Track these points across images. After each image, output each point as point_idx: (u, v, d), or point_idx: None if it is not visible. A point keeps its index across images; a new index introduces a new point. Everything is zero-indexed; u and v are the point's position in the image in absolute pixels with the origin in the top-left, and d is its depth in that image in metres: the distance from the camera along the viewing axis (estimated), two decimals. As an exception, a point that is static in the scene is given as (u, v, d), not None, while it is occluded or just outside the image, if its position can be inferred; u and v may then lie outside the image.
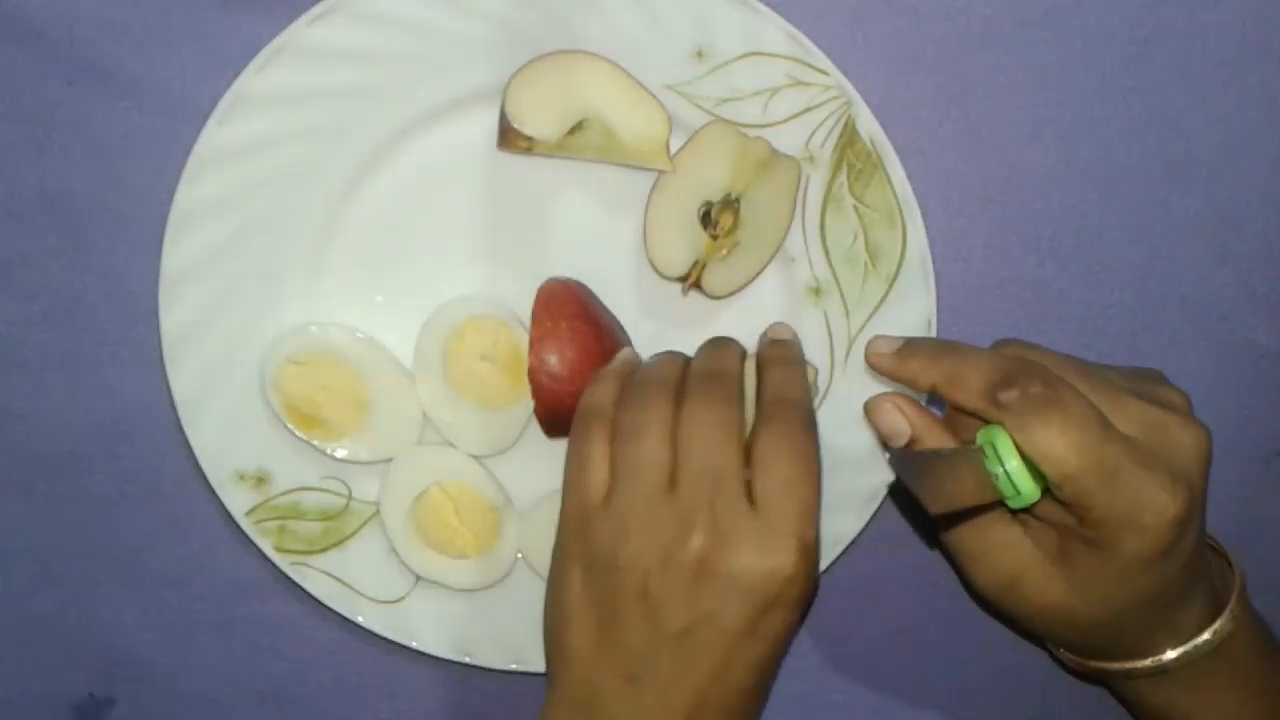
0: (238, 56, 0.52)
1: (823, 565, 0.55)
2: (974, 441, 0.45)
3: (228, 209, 0.53)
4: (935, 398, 0.48)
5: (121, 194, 0.54)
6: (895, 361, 0.48)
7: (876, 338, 0.49)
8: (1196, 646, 0.47)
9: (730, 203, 0.53)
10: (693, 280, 0.54)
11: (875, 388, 0.54)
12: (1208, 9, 0.55)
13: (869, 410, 0.48)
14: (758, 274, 0.55)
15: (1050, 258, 0.56)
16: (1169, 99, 0.55)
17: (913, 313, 0.54)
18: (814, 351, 0.55)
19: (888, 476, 0.55)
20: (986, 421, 0.45)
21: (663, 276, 0.54)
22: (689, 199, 0.53)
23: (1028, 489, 0.44)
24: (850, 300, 0.55)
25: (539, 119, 0.52)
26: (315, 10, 0.51)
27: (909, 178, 0.53)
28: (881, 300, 0.54)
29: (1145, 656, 0.48)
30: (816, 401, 0.55)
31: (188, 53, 0.54)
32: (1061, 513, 0.45)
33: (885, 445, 0.49)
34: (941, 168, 0.56)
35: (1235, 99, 0.56)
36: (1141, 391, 0.46)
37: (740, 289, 0.55)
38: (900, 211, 0.53)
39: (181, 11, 0.53)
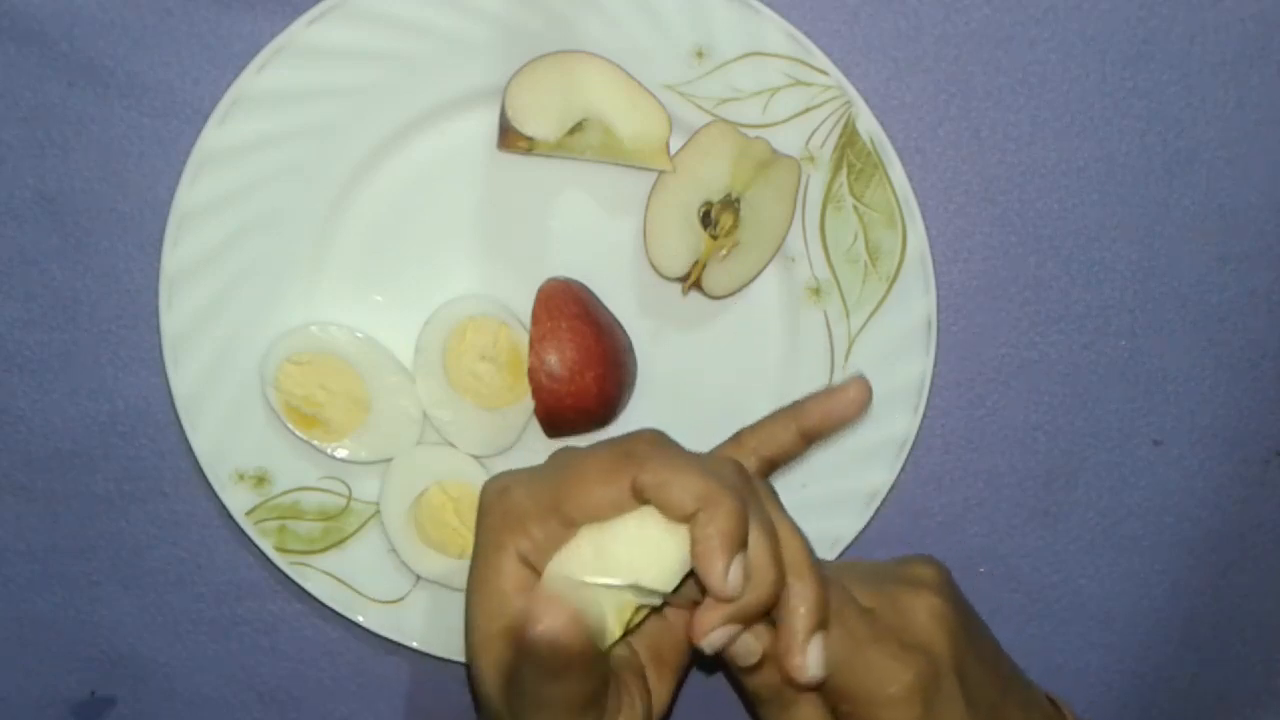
0: (238, 56, 0.52)
1: (823, 565, 0.55)
2: None
3: (228, 209, 0.53)
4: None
5: (121, 194, 0.54)
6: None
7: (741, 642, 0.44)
8: None
9: (730, 203, 0.53)
10: (693, 280, 0.54)
11: (875, 390, 0.54)
12: (1208, 9, 0.55)
13: (710, 640, 0.43)
14: (758, 274, 0.55)
15: (1050, 258, 0.56)
16: (1169, 99, 0.55)
17: (913, 313, 0.54)
18: (814, 351, 0.55)
19: (889, 477, 0.55)
20: None
21: (663, 276, 0.54)
22: (689, 199, 0.53)
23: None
24: (850, 300, 0.55)
25: (539, 119, 0.52)
26: (315, 10, 0.51)
27: (909, 178, 0.53)
28: (881, 300, 0.54)
29: None
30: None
31: (188, 53, 0.54)
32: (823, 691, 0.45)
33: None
34: (941, 168, 0.56)
35: (1235, 99, 0.56)
36: (887, 576, 0.46)
37: (740, 289, 0.55)
38: (900, 211, 0.53)
39: (181, 11, 0.53)
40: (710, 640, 0.42)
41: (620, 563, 0.41)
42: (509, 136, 0.52)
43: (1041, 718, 0.48)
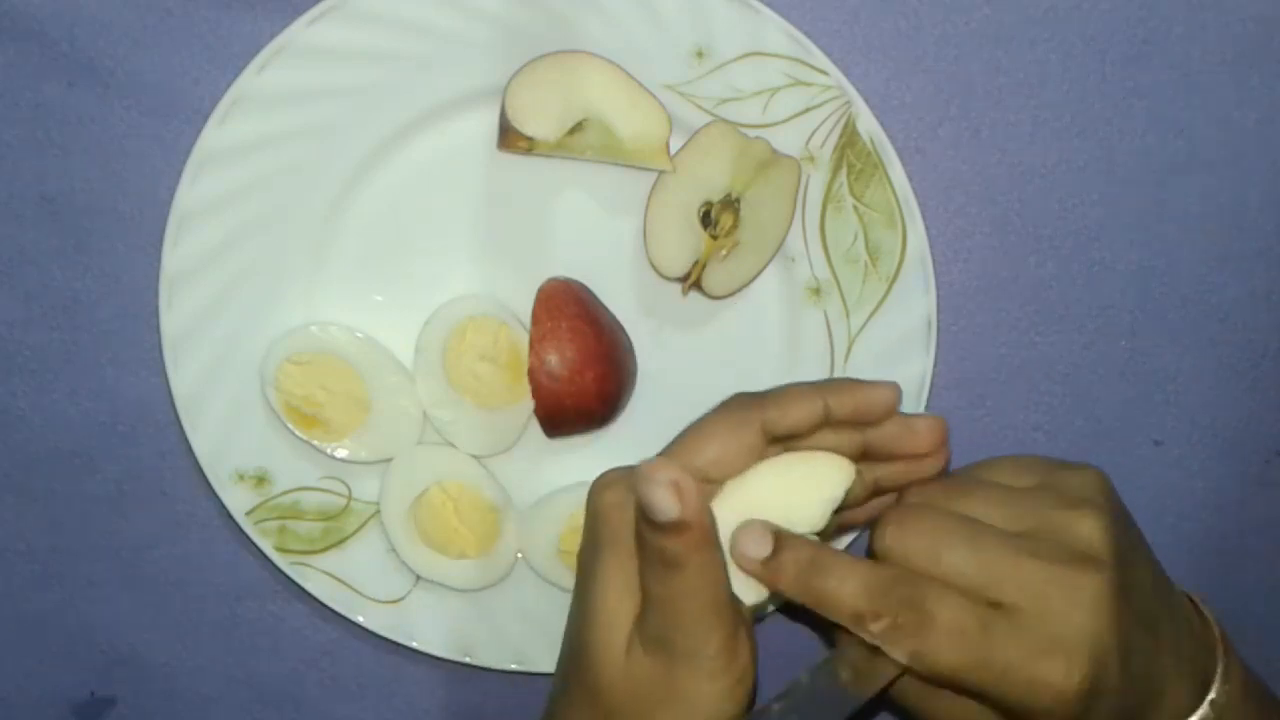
0: (238, 56, 0.52)
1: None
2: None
3: (228, 209, 0.53)
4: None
5: (121, 194, 0.54)
6: (763, 570, 0.43)
7: (743, 533, 0.43)
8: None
9: (731, 203, 0.53)
10: (693, 280, 0.54)
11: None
12: (1208, 9, 0.55)
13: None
14: (758, 274, 0.55)
15: (1050, 258, 0.56)
16: (1169, 99, 0.55)
17: (913, 313, 0.54)
18: (814, 351, 0.55)
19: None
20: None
21: (663, 276, 0.54)
22: (689, 199, 0.53)
23: None
24: (850, 300, 0.55)
25: (539, 119, 0.52)
26: (315, 10, 0.51)
27: (909, 178, 0.53)
28: (881, 300, 0.54)
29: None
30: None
31: (188, 53, 0.53)
32: None
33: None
34: (941, 168, 0.56)
35: (1235, 99, 0.56)
36: (1043, 537, 0.43)
37: (740, 289, 0.55)
38: (900, 211, 0.53)
39: (181, 11, 0.53)
40: None
41: (770, 509, 0.43)
42: (509, 136, 0.52)
43: (1189, 630, 0.46)
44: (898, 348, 0.54)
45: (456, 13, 0.52)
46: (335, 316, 0.54)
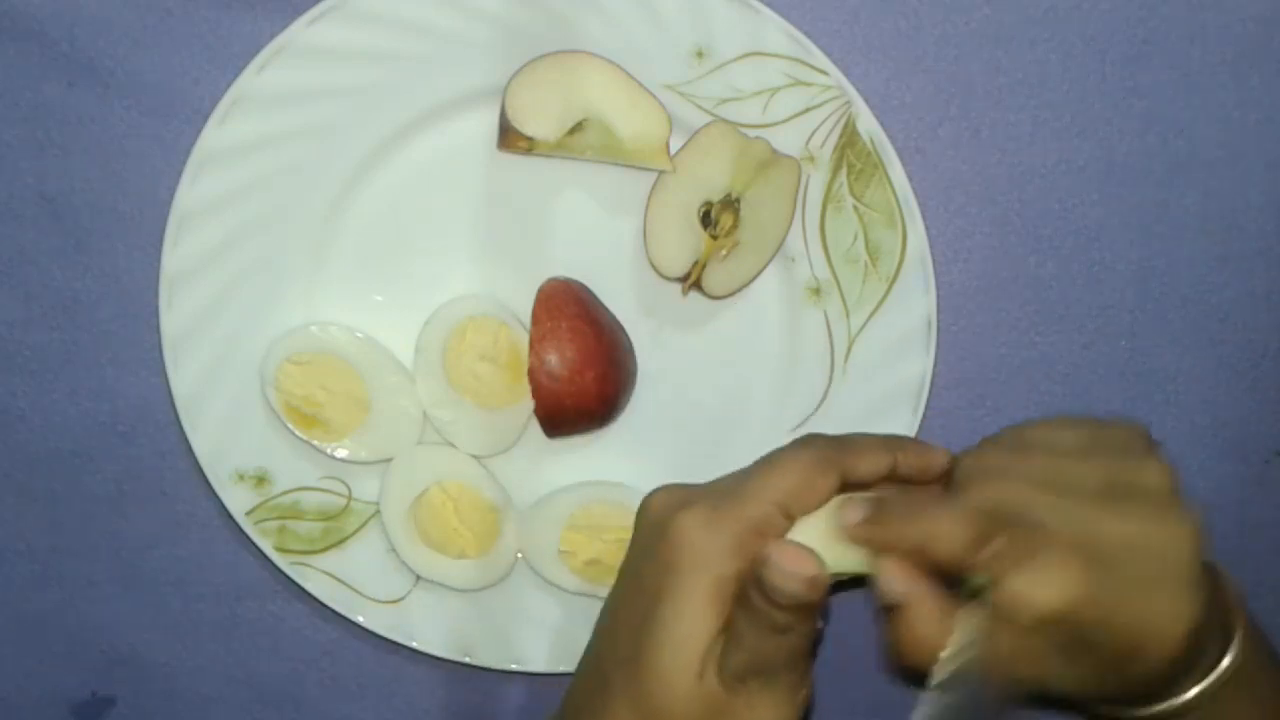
0: (238, 56, 0.52)
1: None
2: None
3: (228, 209, 0.53)
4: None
5: (121, 194, 0.54)
6: (868, 530, 0.45)
7: (845, 506, 0.45)
8: (1220, 675, 0.45)
9: (731, 203, 0.53)
10: (693, 280, 0.54)
11: (875, 390, 0.55)
12: (1208, 9, 0.55)
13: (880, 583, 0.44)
14: (758, 274, 0.55)
15: (1050, 258, 0.56)
16: (1169, 99, 0.55)
17: (913, 313, 0.54)
18: (814, 351, 0.55)
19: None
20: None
21: (663, 276, 0.54)
22: (689, 199, 0.53)
23: None
24: (850, 300, 0.55)
25: (539, 119, 0.52)
26: (315, 10, 0.51)
27: (909, 178, 0.53)
28: (881, 300, 0.54)
29: (1171, 696, 0.46)
30: (815, 404, 0.55)
31: (188, 53, 0.53)
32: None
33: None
34: (941, 168, 0.56)
35: (1235, 99, 0.56)
36: (1120, 488, 0.44)
37: (740, 289, 0.55)
38: (900, 211, 0.53)
39: (181, 11, 0.53)
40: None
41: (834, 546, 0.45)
42: (509, 136, 0.52)
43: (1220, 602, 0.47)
44: (898, 348, 0.54)
45: (456, 13, 0.52)
46: (335, 316, 0.54)
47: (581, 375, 0.52)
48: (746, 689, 0.43)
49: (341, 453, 0.54)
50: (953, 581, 0.43)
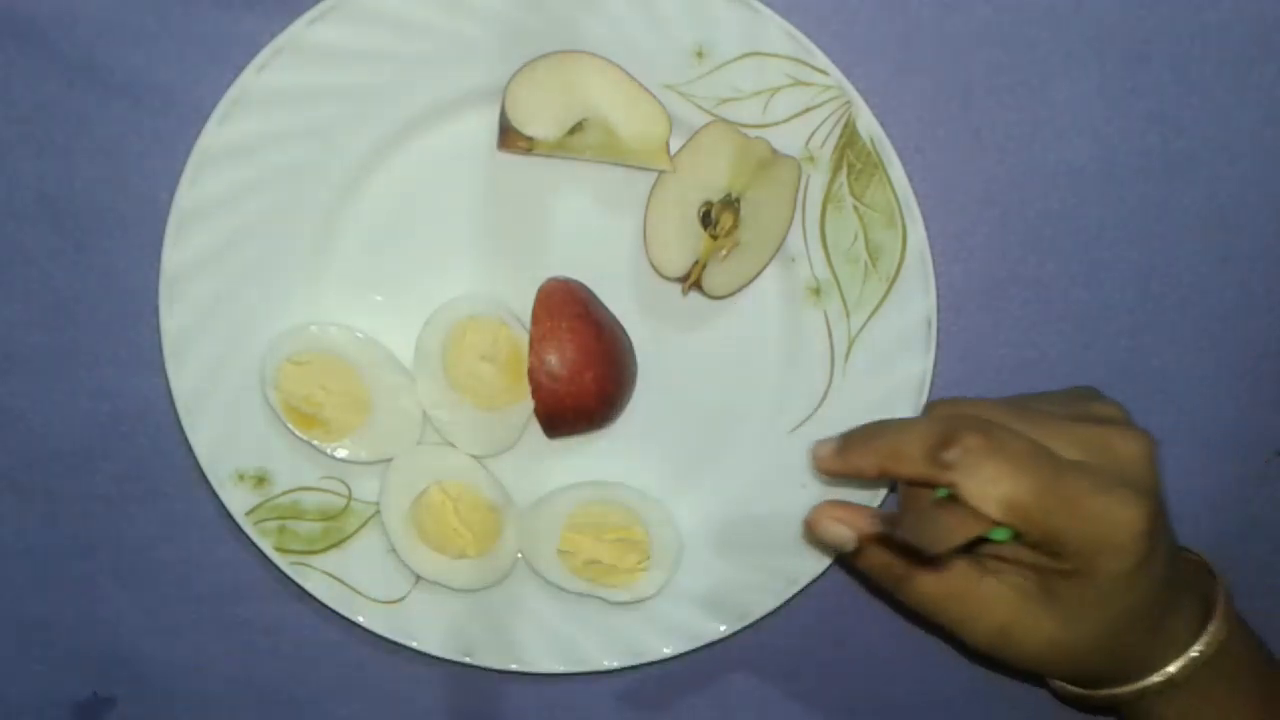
0: (238, 56, 0.52)
1: (822, 566, 0.55)
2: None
3: (228, 209, 0.53)
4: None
5: (121, 194, 0.54)
6: (837, 461, 0.47)
7: (817, 444, 0.48)
8: (1199, 654, 0.47)
9: (731, 203, 0.53)
10: (693, 280, 0.54)
11: (875, 390, 0.55)
12: (1208, 9, 0.55)
13: (809, 528, 0.47)
14: (758, 274, 0.55)
15: (1050, 258, 0.56)
16: (1169, 99, 0.55)
17: (913, 313, 0.54)
18: (814, 351, 0.55)
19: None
20: (935, 490, 0.45)
21: (663, 276, 0.54)
22: (689, 199, 0.53)
23: (998, 533, 0.44)
24: (850, 300, 0.55)
25: (539, 119, 0.52)
26: (315, 10, 0.51)
27: (909, 178, 0.53)
28: (881, 300, 0.54)
29: (1149, 673, 0.48)
30: (815, 404, 0.55)
31: (188, 53, 0.54)
32: (1034, 554, 0.45)
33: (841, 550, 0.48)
34: (941, 168, 0.55)
35: (1235, 99, 0.56)
36: (1077, 414, 0.46)
37: (740, 289, 0.55)
38: (900, 211, 0.53)
39: (181, 11, 0.53)
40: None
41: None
42: (509, 136, 0.52)
43: (1187, 581, 0.49)
44: (898, 348, 0.54)
45: (457, 13, 0.52)
46: (335, 316, 0.54)
47: (581, 375, 0.52)
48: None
49: (341, 453, 0.54)
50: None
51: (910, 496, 0.47)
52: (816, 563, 0.55)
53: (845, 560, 0.49)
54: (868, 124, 0.53)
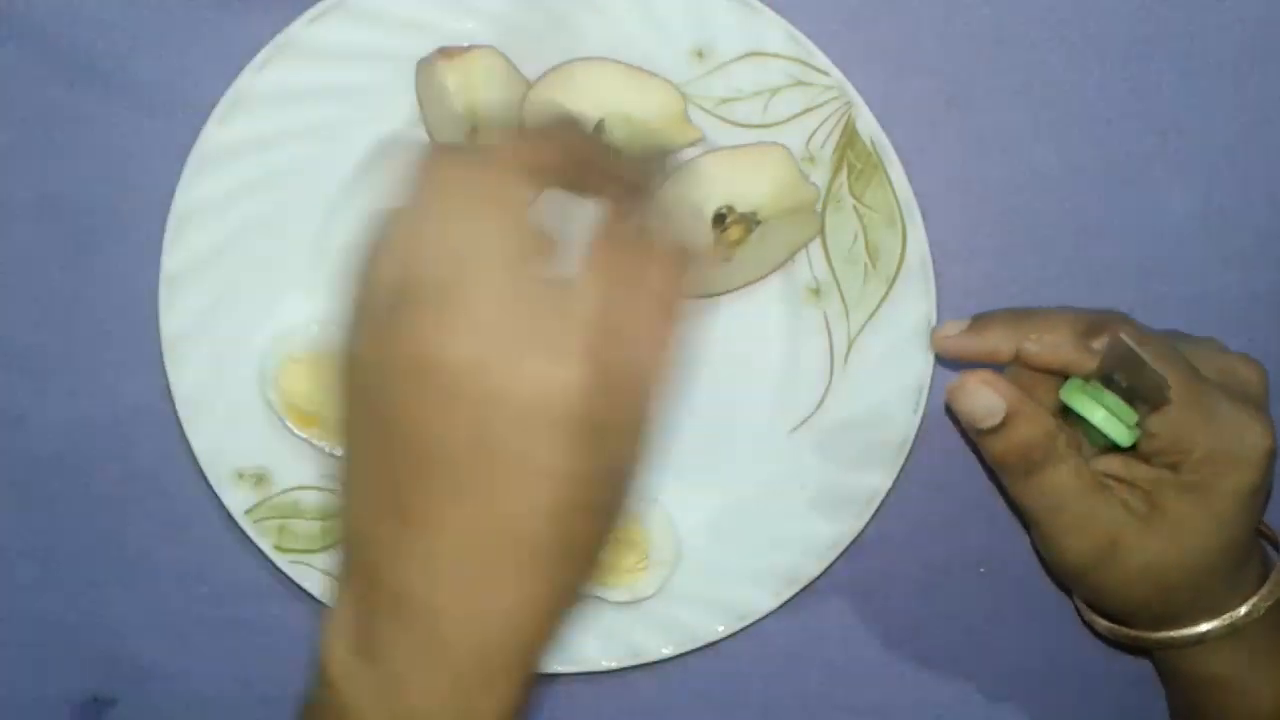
0: (238, 56, 0.52)
1: (822, 566, 0.55)
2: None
3: (228, 209, 0.53)
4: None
5: (121, 194, 0.54)
6: (971, 338, 0.48)
7: (944, 323, 0.49)
8: (1260, 600, 0.48)
9: (749, 220, 0.53)
10: None
11: (875, 390, 0.54)
12: (1208, 9, 0.55)
13: (953, 397, 0.47)
14: (727, 292, 0.54)
15: (1050, 258, 0.56)
16: (1169, 99, 0.55)
17: (913, 313, 0.54)
18: (814, 351, 0.55)
19: (888, 477, 0.55)
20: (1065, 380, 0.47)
21: None
22: (714, 193, 0.53)
23: (1120, 435, 0.45)
24: (850, 300, 0.55)
25: None
26: (315, 10, 0.51)
27: (909, 178, 0.53)
28: (881, 300, 0.54)
29: (1216, 616, 0.48)
30: (815, 404, 0.55)
31: (188, 53, 0.53)
32: (1148, 469, 0.46)
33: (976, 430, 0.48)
34: (941, 168, 0.55)
35: (1235, 99, 0.56)
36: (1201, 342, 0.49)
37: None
38: (900, 211, 0.53)
39: (181, 11, 0.53)
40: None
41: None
42: None
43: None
44: (898, 348, 0.54)
45: (456, 13, 0.52)
46: (335, 315, 0.54)
47: (581, 375, 0.52)
48: None
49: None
50: None
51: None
52: (817, 563, 0.55)
53: (978, 437, 0.48)
54: (868, 124, 0.53)
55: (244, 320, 0.54)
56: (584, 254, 0.37)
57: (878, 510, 0.55)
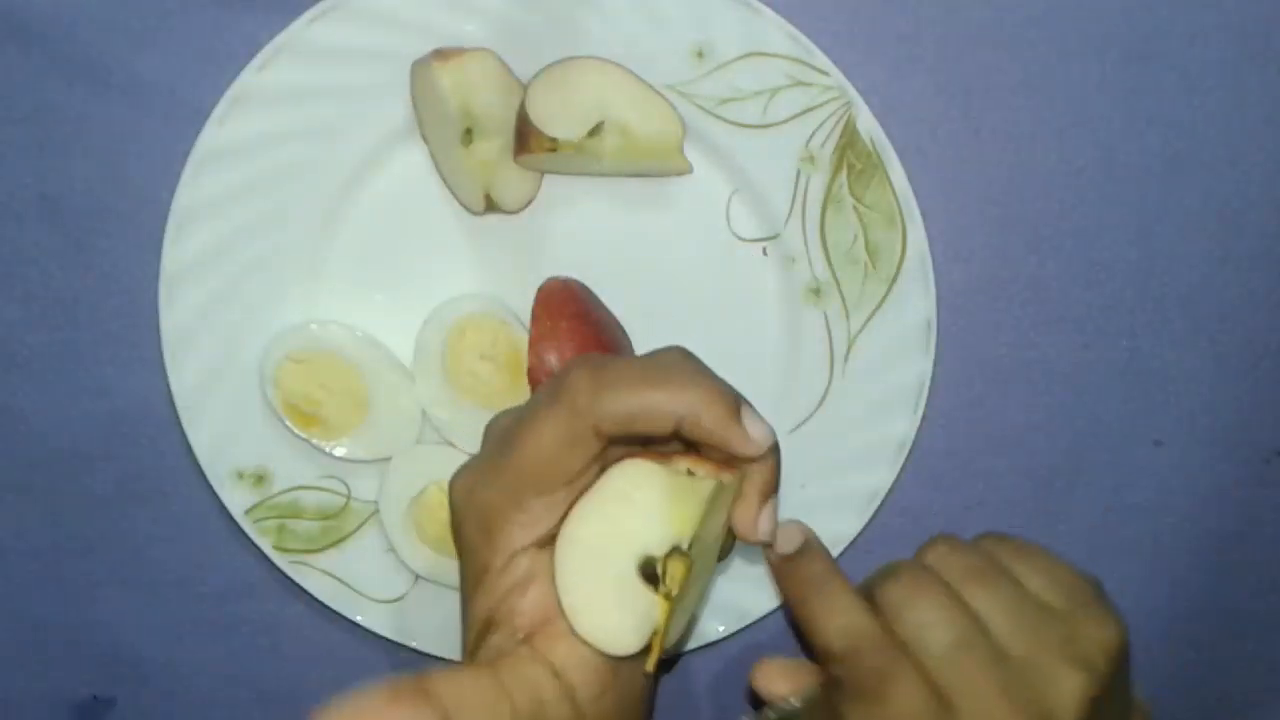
0: (238, 56, 0.52)
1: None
2: None
3: (227, 208, 0.53)
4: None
5: (121, 194, 0.54)
6: (782, 565, 0.44)
7: (783, 529, 0.43)
8: None
9: (680, 552, 0.41)
10: (656, 655, 0.41)
11: (875, 390, 0.55)
12: (1208, 9, 0.55)
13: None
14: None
15: (1050, 258, 0.56)
16: (1169, 99, 0.55)
17: (913, 313, 0.54)
18: (814, 352, 0.55)
19: (889, 477, 0.55)
20: None
21: (612, 656, 0.42)
22: (612, 553, 0.42)
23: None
24: (850, 300, 0.55)
25: (560, 120, 0.52)
26: (315, 9, 0.51)
27: (909, 178, 0.53)
28: (881, 300, 0.54)
29: None
30: (815, 404, 0.55)
31: (188, 53, 0.54)
32: None
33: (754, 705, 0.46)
34: (941, 168, 0.55)
35: (1235, 99, 0.56)
36: (1030, 666, 0.41)
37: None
38: (900, 211, 0.53)
39: (181, 11, 0.53)
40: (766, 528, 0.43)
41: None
42: (532, 139, 0.51)
43: None
44: (898, 348, 0.54)
45: (456, 13, 0.52)
46: (335, 315, 0.54)
47: (581, 375, 0.52)
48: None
49: (340, 451, 0.54)
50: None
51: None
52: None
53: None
54: (868, 124, 0.53)
55: (244, 320, 0.54)
56: None
57: (878, 510, 0.55)
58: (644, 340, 0.55)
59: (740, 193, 0.55)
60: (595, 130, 0.52)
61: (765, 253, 0.55)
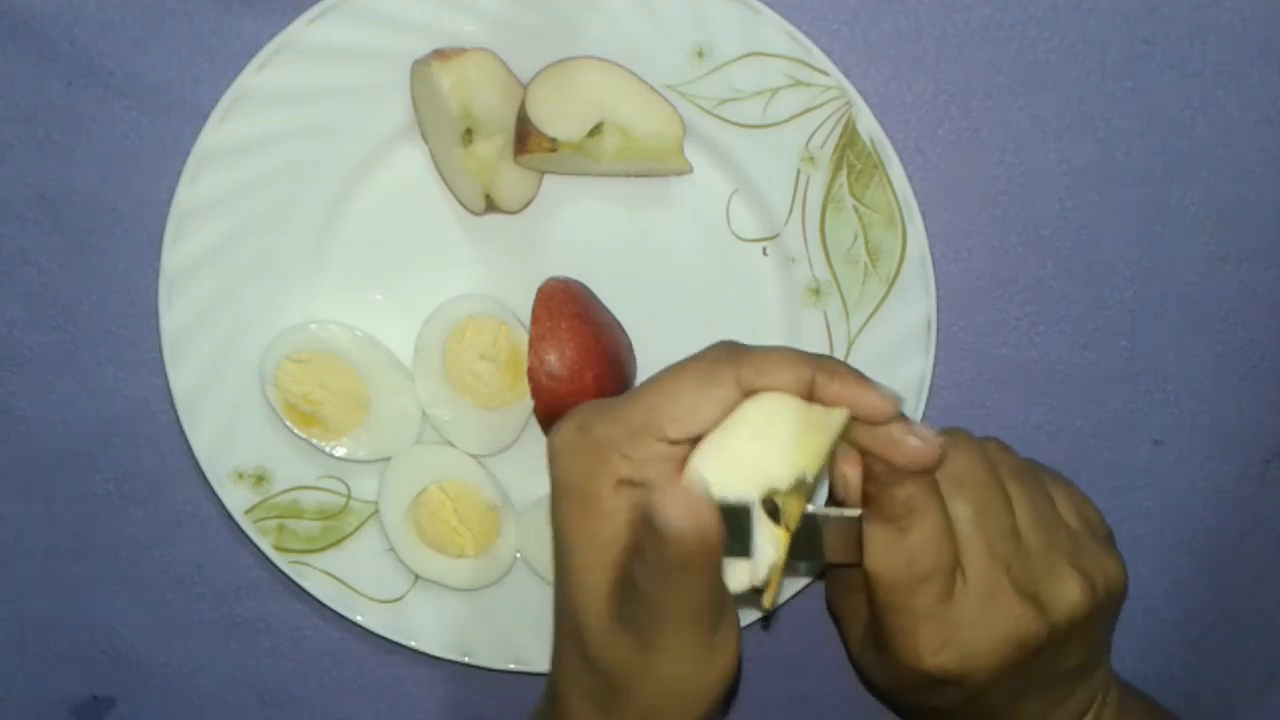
0: (238, 56, 0.52)
1: (822, 566, 0.55)
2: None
3: (228, 208, 0.53)
4: None
5: (121, 194, 0.54)
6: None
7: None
8: None
9: (802, 486, 0.41)
10: (774, 590, 0.42)
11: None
12: (1208, 9, 0.55)
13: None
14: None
15: (1050, 258, 0.56)
16: (1169, 99, 0.55)
17: (913, 313, 0.54)
18: (813, 351, 0.55)
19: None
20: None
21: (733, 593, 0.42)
22: (746, 492, 0.41)
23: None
24: (850, 300, 0.55)
25: (561, 120, 0.52)
26: (315, 10, 0.51)
27: (909, 178, 0.53)
28: (881, 300, 0.54)
29: None
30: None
31: (188, 53, 0.54)
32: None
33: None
34: (941, 168, 0.56)
35: (1235, 99, 0.56)
36: (1037, 564, 0.44)
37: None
38: (900, 211, 0.53)
39: (181, 11, 0.53)
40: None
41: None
42: (532, 139, 0.51)
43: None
44: (898, 348, 0.54)
45: (456, 13, 0.52)
46: (335, 315, 0.54)
47: (581, 375, 0.52)
48: (655, 639, 0.39)
49: (340, 451, 0.54)
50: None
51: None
52: (816, 562, 0.55)
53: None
54: (868, 124, 0.53)
55: (244, 320, 0.54)
56: None
57: (877, 510, 0.55)
58: (644, 340, 0.55)
59: (740, 193, 0.55)
60: (595, 130, 0.52)
61: (765, 253, 0.55)
